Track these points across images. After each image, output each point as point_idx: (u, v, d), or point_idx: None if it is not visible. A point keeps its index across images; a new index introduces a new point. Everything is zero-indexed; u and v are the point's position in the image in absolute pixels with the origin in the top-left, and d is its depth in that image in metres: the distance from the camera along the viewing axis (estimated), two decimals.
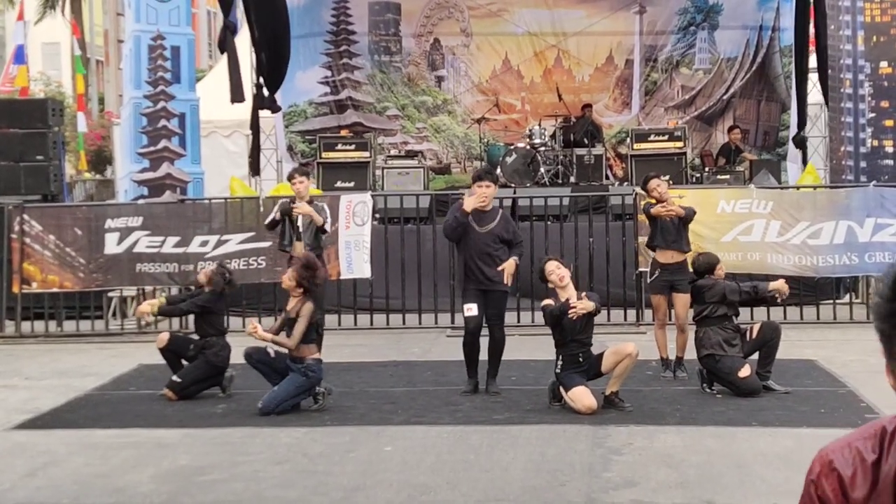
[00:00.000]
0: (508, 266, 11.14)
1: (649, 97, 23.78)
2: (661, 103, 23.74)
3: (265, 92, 21.76)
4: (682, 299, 11.85)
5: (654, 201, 12.13)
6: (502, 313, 11.47)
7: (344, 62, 23.75)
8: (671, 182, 18.16)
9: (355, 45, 23.77)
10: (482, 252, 11.17)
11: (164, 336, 11.74)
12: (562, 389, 10.46)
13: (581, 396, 10.27)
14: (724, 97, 23.53)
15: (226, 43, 20.96)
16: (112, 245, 15.74)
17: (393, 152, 22.91)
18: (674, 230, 11.99)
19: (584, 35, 23.52)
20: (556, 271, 10.57)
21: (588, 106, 22.47)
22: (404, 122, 23.86)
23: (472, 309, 11.22)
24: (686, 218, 12.06)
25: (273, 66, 21.94)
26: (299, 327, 10.60)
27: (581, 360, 10.43)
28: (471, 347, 11.39)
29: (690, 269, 11.79)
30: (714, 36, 23.52)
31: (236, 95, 20.87)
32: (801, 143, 21.59)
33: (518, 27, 23.57)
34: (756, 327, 11.40)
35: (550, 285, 10.70)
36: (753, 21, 23.14)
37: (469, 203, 11.20)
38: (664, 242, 12.01)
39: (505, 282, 11.20)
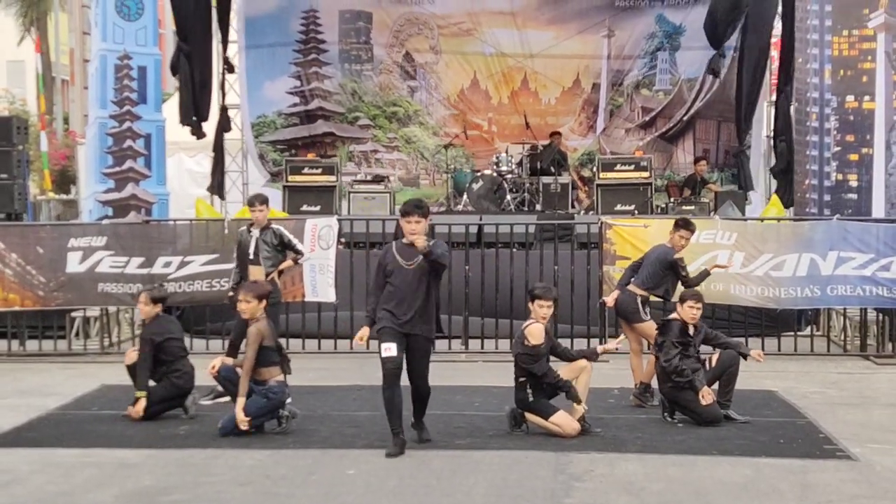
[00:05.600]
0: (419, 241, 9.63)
1: (610, 119, 23.94)
2: (621, 125, 23.91)
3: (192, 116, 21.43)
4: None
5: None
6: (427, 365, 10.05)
7: (314, 71, 23.86)
8: (636, 212, 18.29)
9: (325, 55, 23.89)
10: (409, 291, 9.80)
11: (133, 354, 11.61)
12: (535, 417, 10.51)
13: (566, 421, 10.40)
14: (685, 118, 23.70)
15: (178, 65, 20.84)
16: (73, 264, 15.64)
17: (359, 176, 22.97)
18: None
19: (551, 57, 23.69)
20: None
21: (557, 133, 22.59)
22: (375, 132, 24.01)
23: (390, 349, 9.77)
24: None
25: (200, 90, 21.72)
26: (248, 355, 10.59)
27: (545, 386, 10.52)
28: (390, 395, 9.85)
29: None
30: (675, 57, 23.70)
31: (185, 118, 20.78)
32: (738, 155, 21.95)
33: (487, 46, 23.72)
34: (714, 357, 11.47)
35: (541, 312, 10.58)
36: None
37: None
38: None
39: (418, 245, 9.65)
